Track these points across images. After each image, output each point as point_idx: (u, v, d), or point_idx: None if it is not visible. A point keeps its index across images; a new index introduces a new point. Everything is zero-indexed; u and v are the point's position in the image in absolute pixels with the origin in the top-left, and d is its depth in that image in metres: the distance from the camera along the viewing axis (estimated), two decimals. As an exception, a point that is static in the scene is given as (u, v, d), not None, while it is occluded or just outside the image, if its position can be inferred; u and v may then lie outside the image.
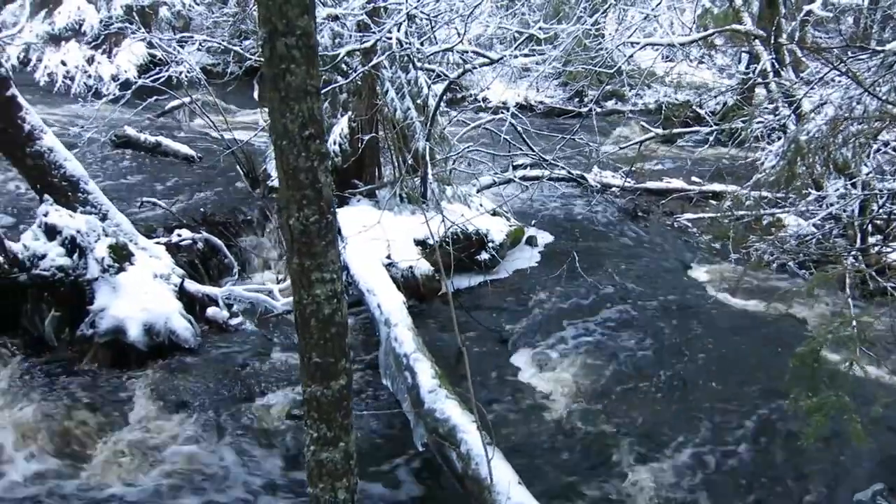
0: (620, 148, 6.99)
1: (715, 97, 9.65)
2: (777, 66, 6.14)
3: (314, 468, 2.50)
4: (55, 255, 4.96)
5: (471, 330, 5.80)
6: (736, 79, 10.89)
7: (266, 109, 10.92)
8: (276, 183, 7.48)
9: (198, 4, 13.70)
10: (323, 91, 6.67)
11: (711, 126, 7.22)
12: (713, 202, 9.17)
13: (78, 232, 4.99)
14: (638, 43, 5.56)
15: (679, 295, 6.60)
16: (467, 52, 5.19)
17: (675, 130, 7.85)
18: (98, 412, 4.50)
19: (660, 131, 5.04)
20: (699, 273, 7.32)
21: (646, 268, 7.31)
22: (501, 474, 3.29)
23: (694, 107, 10.42)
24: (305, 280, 2.20)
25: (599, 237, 8.22)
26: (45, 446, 4.16)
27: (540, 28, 5.31)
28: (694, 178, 9.82)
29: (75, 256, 5.00)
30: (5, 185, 7.43)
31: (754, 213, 5.11)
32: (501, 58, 5.28)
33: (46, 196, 5.13)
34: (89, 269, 5.00)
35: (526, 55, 5.82)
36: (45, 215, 5.00)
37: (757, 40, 6.71)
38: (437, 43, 5.67)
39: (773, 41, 5.93)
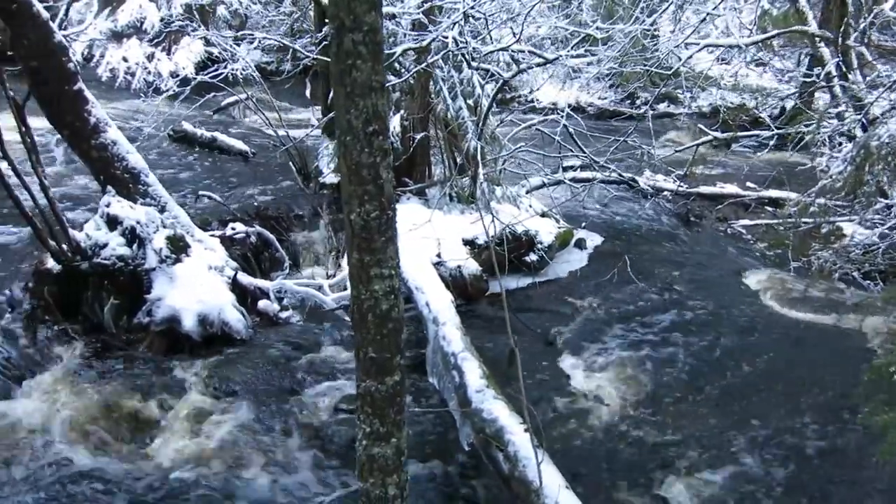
0: (676, 151, 6.85)
1: (781, 100, 9.36)
2: (844, 70, 5.92)
3: (365, 463, 2.50)
4: (116, 244, 5.11)
5: (518, 331, 5.76)
6: (796, 82, 10.56)
7: (318, 107, 11.11)
8: (327, 180, 7.64)
9: (255, 3, 13.97)
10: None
11: (771, 130, 6.99)
12: (769, 209, 8.93)
13: (138, 223, 5.13)
14: (697, 44, 5.43)
15: (733, 303, 6.42)
16: (523, 51, 5.16)
17: (735, 134, 7.63)
18: (152, 398, 4.62)
19: (718, 134, 4.91)
20: (754, 281, 7.11)
21: (698, 274, 7.15)
22: (550, 478, 3.25)
23: (751, 110, 10.15)
24: (364, 275, 2.21)
25: (650, 242, 8.06)
26: (101, 429, 4.29)
27: (597, 28, 5.24)
28: (749, 184, 9.57)
29: (135, 246, 5.14)
30: (70, 176, 7.71)
31: (817, 220, 4.93)
32: (557, 58, 5.22)
33: (109, 187, 5.29)
34: (147, 259, 5.14)
35: (580, 56, 5.74)
36: (108, 206, 5.15)
37: (822, 42, 6.48)
38: (492, 42, 5.64)
39: (840, 43, 5.72)
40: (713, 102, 14.63)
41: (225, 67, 8.42)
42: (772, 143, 7.45)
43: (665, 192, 9.00)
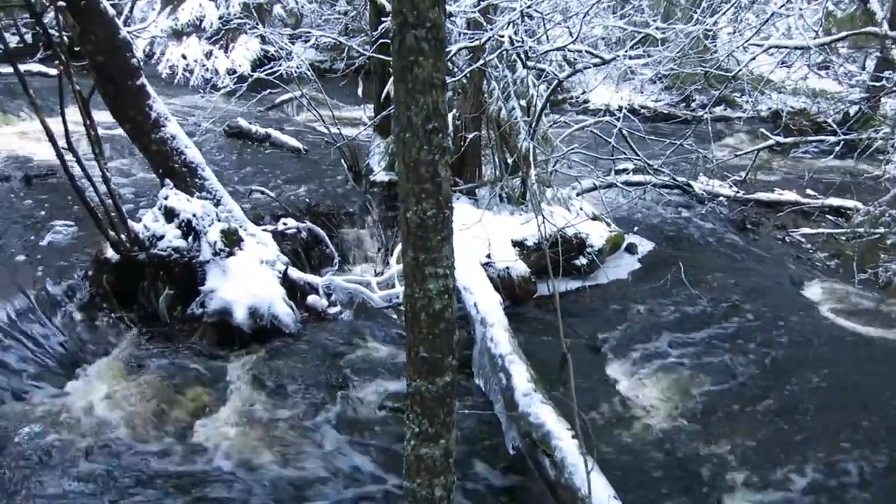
0: (735, 155, 6.64)
1: (846, 105, 9.00)
2: (917, 74, 5.65)
3: (413, 463, 2.49)
4: (172, 236, 5.23)
5: (566, 335, 5.67)
6: (861, 86, 10.15)
7: (370, 105, 11.19)
8: (377, 177, 7.67)
9: (311, 3, 14.17)
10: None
11: (837, 135, 6.72)
12: (830, 217, 8.61)
13: (194, 216, 5.24)
14: (761, 45, 5.25)
15: (790, 314, 6.19)
16: (580, 51, 5.07)
17: (800, 139, 7.34)
18: (203, 388, 4.71)
19: (781, 139, 4.73)
20: (813, 293, 6.85)
21: (754, 283, 6.91)
22: (598, 487, 3.18)
23: (813, 115, 9.79)
24: (419, 274, 2.19)
25: (704, 248, 7.86)
26: (153, 418, 4.38)
27: (657, 28, 5.11)
28: (809, 191, 9.24)
29: (190, 239, 5.25)
30: (129, 169, 7.95)
31: (886, 231, 4.70)
32: (614, 58, 5.12)
33: (167, 180, 5.41)
34: (202, 252, 5.24)
35: (639, 56, 5.61)
36: (166, 199, 5.28)
37: (894, 44, 6.21)
38: (548, 42, 5.56)
39: (913, 46, 5.46)
40: (772, 106, 14.23)
41: (281, 65, 8.56)
42: (837, 149, 7.16)
43: (721, 198, 8.76)
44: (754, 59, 5.56)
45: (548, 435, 3.67)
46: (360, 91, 12.56)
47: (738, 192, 8.80)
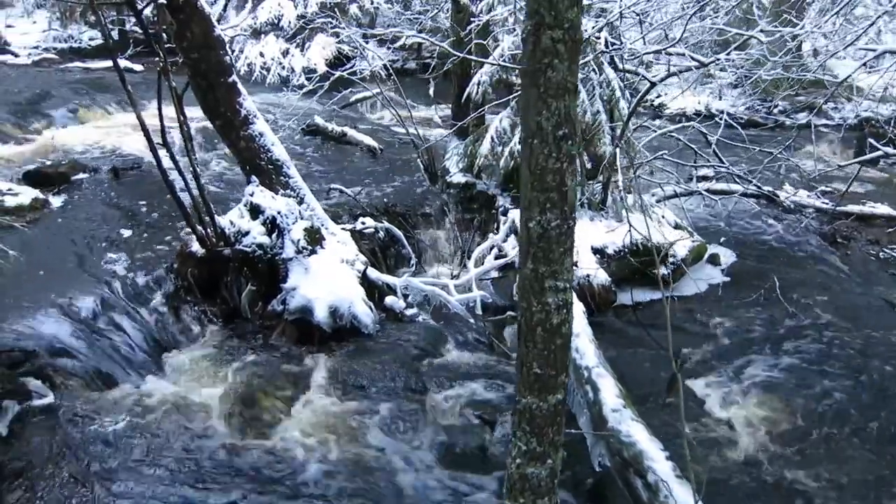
0: (840, 166, 6.27)
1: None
2: None
3: (517, 482, 2.39)
4: (257, 233, 5.29)
5: (646, 347, 5.49)
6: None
7: (441, 105, 11.15)
8: (454, 179, 7.60)
9: (386, 2, 14.24)
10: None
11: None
12: (930, 233, 8.08)
13: (278, 213, 5.28)
14: (874, 50, 4.93)
15: (886, 335, 5.83)
16: (683, 54, 4.87)
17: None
18: (283, 386, 4.73)
19: (889, 150, 4.40)
20: (913, 313, 6.44)
21: (846, 301, 6.54)
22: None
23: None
24: (538, 286, 2.09)
25: (791, 262, 7.48)
26: (232, 413, 4.42)
27: (761, 30, 4.85)
28: (903, 204, 8.71)
29: (274, 236, 5.30)
30: (216, 164, 8.14)
31: None
32: (713, 61, 4.89)
33: (253, 177, 5.47)
34: (285, 249, 5.28)
35: (742, 59, 5.36)
36: (251, 195, 5.34)
37: None
38: (645, 44, 5.37)
39: None
40: (860, 114, 13.51)
41: (358, 64, 8.59)
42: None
43: (809, 209, 8.33)
44: (864, 65, 5.23)
45: (640, 455, 3.53)
46: (431, 91, 12.53)
47: (826, 203, 8.35)
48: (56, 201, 6.73)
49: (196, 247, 5.36)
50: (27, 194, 6.48)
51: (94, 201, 6.88)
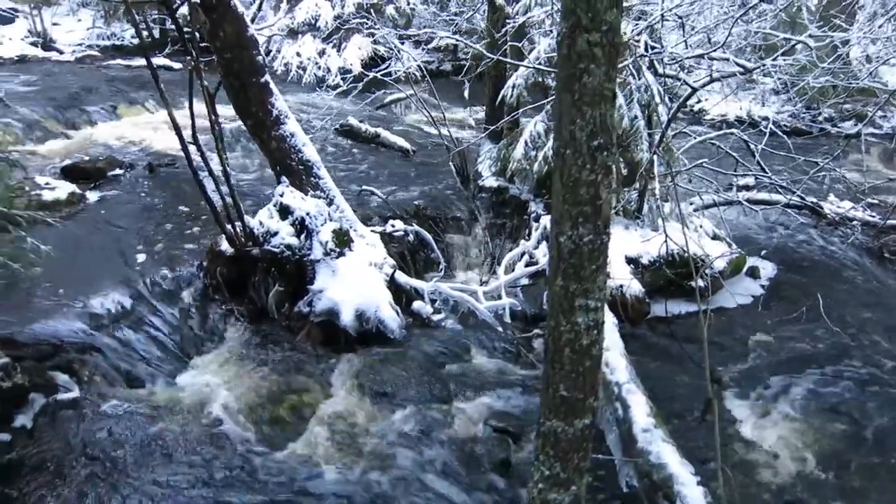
0: (890, 179, 5.99)
1: None
2: None
3: (539, 507, 2.27)
4: (285, 233, 5.25)
5: (680, 362, 5.31)
6: None
7: (475, 108, 11.04)
8: (486, 183, 7.48)
9: (422, 3, 14.19)
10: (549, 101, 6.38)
11: None
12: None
13: (307, 214, 5.23)
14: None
15: (939, 358, 5.55)
16: (726, 59, 4.68)
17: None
18: (307, 389, 4.69)
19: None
20: (965, 334, 6.12)
21: (894, 320, 6.25)
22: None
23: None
24: (567, 305, 1.97)
25: (836, 277, 7.18)
26: (257, 414, 4.39)
27: (810, 35, 4.64)
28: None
29: (302, 237, 5.25)
30: (247, 164, 8.16)
31: None
32: (758, 67, 4.69)
33: (283, 177, 5.44)
34: (313, 251, 5.22)
35: (789, 65, 5.14)
36: (281, 196, 5.30)
37: None
38: (687, 48, 5.19)
39: None
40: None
41: (394, 65, 8.53)
42: None
43: (855, 223, 8.00)
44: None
45: (670, 478, 3.38)
46: (465, 93, 12.44)
47: (875, 216, 8.01)
48: (92, 196, 6.81)
49: (225, 246, 5.34)
50: (64, 189, 6.56)
51: (129, 197, 6.94)
